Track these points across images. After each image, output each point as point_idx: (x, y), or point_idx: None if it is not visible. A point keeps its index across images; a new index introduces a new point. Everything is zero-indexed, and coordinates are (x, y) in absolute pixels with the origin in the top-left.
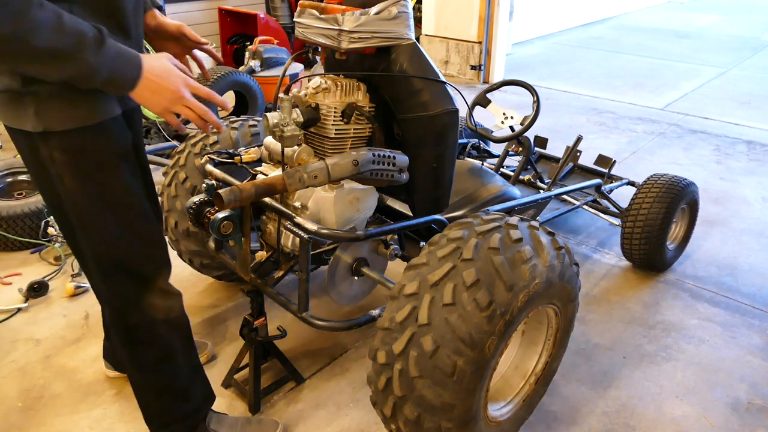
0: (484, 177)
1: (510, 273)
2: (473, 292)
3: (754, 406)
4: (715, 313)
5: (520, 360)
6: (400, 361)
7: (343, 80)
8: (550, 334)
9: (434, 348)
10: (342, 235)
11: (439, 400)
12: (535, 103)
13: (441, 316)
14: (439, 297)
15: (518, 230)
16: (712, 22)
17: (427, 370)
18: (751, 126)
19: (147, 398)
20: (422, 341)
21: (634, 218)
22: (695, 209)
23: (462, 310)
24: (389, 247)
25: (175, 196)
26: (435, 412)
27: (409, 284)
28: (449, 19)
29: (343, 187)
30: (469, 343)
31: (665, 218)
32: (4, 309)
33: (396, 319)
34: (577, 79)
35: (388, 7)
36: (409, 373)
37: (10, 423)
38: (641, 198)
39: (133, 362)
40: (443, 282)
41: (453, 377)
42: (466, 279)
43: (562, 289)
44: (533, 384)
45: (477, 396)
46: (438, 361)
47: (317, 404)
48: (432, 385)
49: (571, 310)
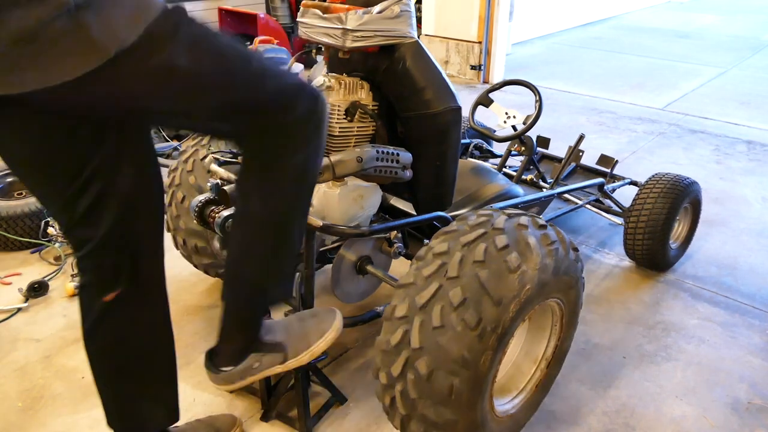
0: (486, 176)
1: (497, 286)
2: (461, 313)
3: (754, 406)
4: (715, 313)
5: (530, 346)
6: (400, 383)
7: (346, 79)
8: (556, 320)
9: (429, 371)
10: (347, 231)
11: (441, 418)
12: (537, 103)
13: (432, 339)
14: (428, 320)
15: (504, 236)
16: (711, 22)
17: (426, 392)
18: (751, 126)
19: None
20: (417, 365)
21: (638, 215)
22: (698, 208)
23: (452, 332)
24: (393, 245)
25: (177, 216)
26: (440, 428)
27: (400, 306)
28: (449, 19)
29: (347, 185)
30: (462, 364)
31: (668, 216)
32: (4, 309)
33: (391, 343)
34: (577, 79)
35: (391, 6)
36: (409, 395)
37: (10, 423)
38: (644, 196)
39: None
40: (431, 303)
41: (451, 397)
42: (452, 299)
43: (560, 283)
44: (545, 369)
45: (479, 408)
46: (434, 383)
47: (317, 404)
48: (432, 404)
49: (575, 295)
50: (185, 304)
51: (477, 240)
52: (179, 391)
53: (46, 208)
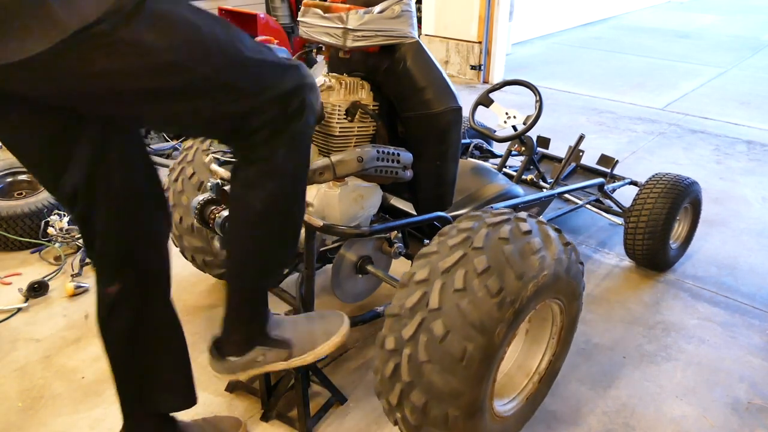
0: (487, 176)
1: (520, 262)
2: (484, 279)
3: (754, 406)
4: (715, 313)
5: (524, 359)
6: (410, 346)
7: (346, 79)
8: (555, 332)
9: (445, 332)
10: (347, 231)
11: (447, 386)
12: (537, 103)
13: (452, 301)
14: (450, 283)
15: (527, 223)
16: (711, 22)
17: (437, 355)
18: (751, 126)
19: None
20: (433, 326)
21: (638, 214)
22: (698, 208)
23: (473, 296)
24: (393, 245)
25: (182, 191)
26: (443, 399)
27: (420, 271)
28: (449, 19)
29: (347, 185)
30: (479, 329)
31: (669, 215)
32: (4, 309)
33: (406, 305)
34: (577, 79)
35: (392, 6)
36: (418, 358)
37: (10, 423)
38: (645, 196)
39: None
40: (454, 268)
41: (462, 362)
42: (477, 266)
43: (568, 285)
44: (536, 383)
45: (485, 385)
46: (448, 346)
47: (317, 404)
48: (441, 370)
49: (575, 309)
50: (185, 304)
51: (502, 222)
52: None
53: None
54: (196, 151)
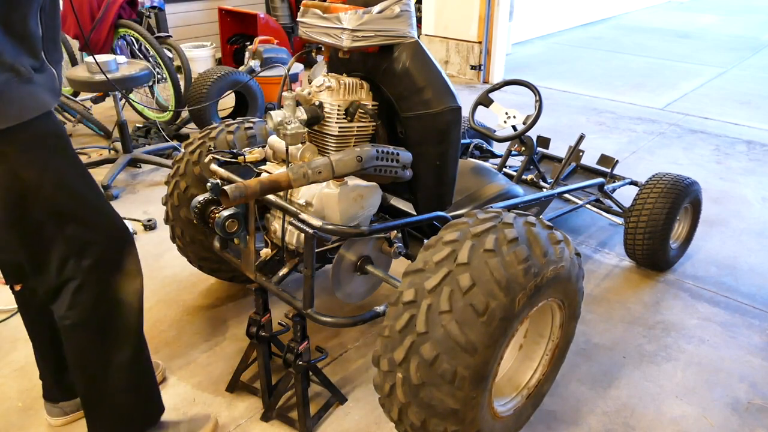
0: (486, 176)
1: (506, 275)
2: (470, 298)
3: (754, 406)
4: (715, 313)
5: (515, 372)
6: (402, 368)
7: (346, 78)
8: (548, 350)
9: (434, 355)
10: (346, 230)
11: (442, 405)
12: (537, 103)
13: (438, 324)
14: (436, 303)
15: (513, 229)
16: (711, 22)
17: (429, 378)
18: (751, 126)
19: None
20: (422, 349)
21: (638, 214)
22: (698, 208)
23: (459, 316)
24: (393, 245)
25: (178, 206)
26: (440, 417)
27: (407, 291)
28: (449, 19)
29: (347, 184)
30: (468, 350)
31: (669, 215)
32: (4, 309)
33: (395, 328)
34: (577, 79)
35: (391, 6)
36: (411, 380)
37: (10, 423)
38: (645, 196)
39: (102, 362)
40: (439, 288)
41: (454, 384)
42: (461, 284)
43: (569, 290)
44: (525, 398)
45: (480, 399)
46: (438, 369)
47: (317, 404)
48: (434, 391)
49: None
50: (185, 304)
51: (487, 231)
52: (180, 391)
53: None
54: (187, 163)
